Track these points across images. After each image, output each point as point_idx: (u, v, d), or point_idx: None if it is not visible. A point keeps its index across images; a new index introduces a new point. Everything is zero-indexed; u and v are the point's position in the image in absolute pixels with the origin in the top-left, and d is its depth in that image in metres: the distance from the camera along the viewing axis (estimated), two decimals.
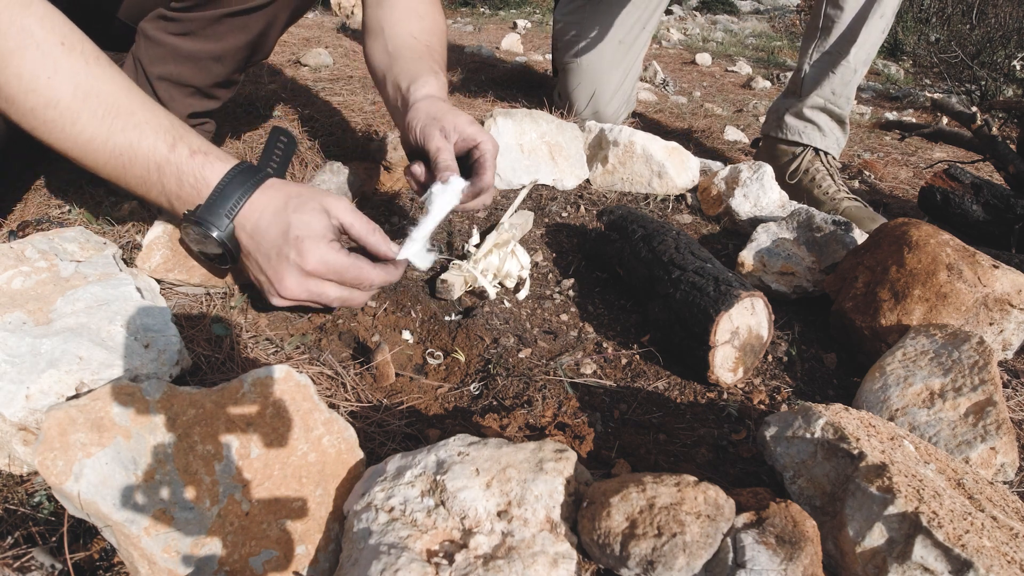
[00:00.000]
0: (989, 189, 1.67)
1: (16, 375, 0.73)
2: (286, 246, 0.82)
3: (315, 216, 0.83)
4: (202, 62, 1.17)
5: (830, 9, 1.75)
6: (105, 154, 0.80)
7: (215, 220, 0.82)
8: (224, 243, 0.83)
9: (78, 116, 0.78)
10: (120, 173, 0.82)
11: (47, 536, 0.67)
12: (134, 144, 0.80)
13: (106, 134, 0.79)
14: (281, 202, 0.84)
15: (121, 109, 0.80)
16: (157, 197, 0.85)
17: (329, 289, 0.86)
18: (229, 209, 0.82)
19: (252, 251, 0.85)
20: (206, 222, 0.82)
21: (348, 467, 0.70)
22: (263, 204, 0.83)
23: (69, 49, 0.78)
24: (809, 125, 1.82)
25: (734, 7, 6.81)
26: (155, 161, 0.81)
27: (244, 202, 0.83)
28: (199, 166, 0.82)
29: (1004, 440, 0.83)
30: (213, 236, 0.82)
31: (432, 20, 1.21)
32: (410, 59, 1.14)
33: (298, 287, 0.84)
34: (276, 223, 0.82)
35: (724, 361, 0.99)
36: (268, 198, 0.84)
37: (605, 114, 2.13)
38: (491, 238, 1.22)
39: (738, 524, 0.60)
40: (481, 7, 5.76)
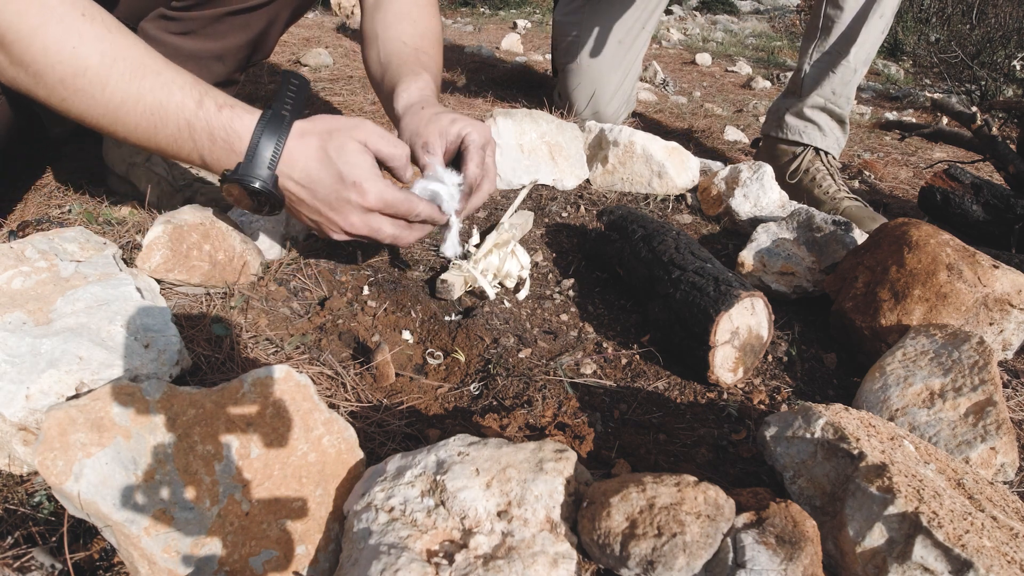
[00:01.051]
0: (989, 189, 1.67)
1: (16, 375, 0.73)
2: (345, 189, 0.86)
3: (361, 157, 0.87)
4: (203, 61, 1.17)
5: (830, 9, 1.75)
6: (136, 116, 0.82)
7: (257, 172, 0.84)
8: (268, 191, 0.85)
9: (107, 80, 0.80)
10: (151, 134, 0.83)
11: (47, 536, 0.67)
12: (163, 103, 0.82)
13: (136, 95, 0.81)
14: (320, 147, 0.86)
15: (148, 69, 0.82)
16: (190, 155, 0.86)
17: (385, 225, 0.91)
18: (269, 161, 0.84)
19: (307, 198, 0.88)
20: (248, 176, 0.83)
21: (348, 467, 0.70)
22: (301, 151, 0.86)
23: (90, 19, 0.80)
24: (809, 125, 1.82)
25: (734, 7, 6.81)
26: (185, 118, 0.82)
27: (281, 151, 0.85)
28: (228, 120, 0.84)
29: (1004, 440, 0.83)
30: (256, 187, 0.84)
31: (425, 24, 1.21)
32: (398, 65, 1.14)
33: (361, 223, 0.90)
34: (326, 169, 0.86)
35: (724, 361, 0.99)
36: (304, 144, 0.86)
37: (605, 114, 2.13)
38: (491, 238, 1.22)
39: (738, 524, 0.60)
40: (481, 7, 5.76)
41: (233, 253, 1.04)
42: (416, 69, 1.12)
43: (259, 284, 1.07)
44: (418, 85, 1.09)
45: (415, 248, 1.29)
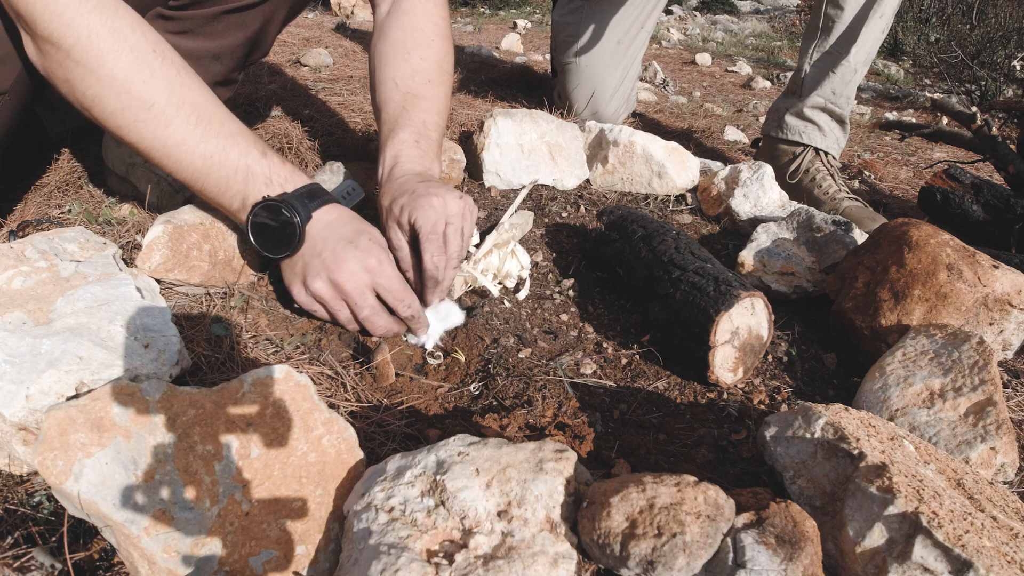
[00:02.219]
0: (989, 189, 1.67)
1: (16, 375, 0.73)
2: (357, 238, 0.92)
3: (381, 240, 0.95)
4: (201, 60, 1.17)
5: (830, 9, 1.75)
6: (192, 156, 0.86)
7: (299, 208, 0.90)
8: (297, 226, 0.90)
9: (172, 120, 0.84)
10: (201, 175, 0.88)
11: (47, 536, 0.67)
12: (226, 149, 0.88)
13: (198, 139, 0.86)
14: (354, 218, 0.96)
15: (213, 118, 0.87)
16: (231, 200, 0.91)
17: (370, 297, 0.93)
18: (314, 205, 0.92)
19: (320, 240, 0.92)
20: (289, 204, 0.89)
21: (348, 467, 0.70)
22: (336, 212, 0.95)
23: (161, 57, 0.84)
24: (809, 125, 1.82)
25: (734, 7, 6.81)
26: (246, 165, 0.89)
27: (323, 205, 0.93)
28: (290, 172, 0.92)
29: (1004, 440, 0.83)
30: (287, 216, 0.89)
31: (420, 55, 1.15)
32: (385, 120, 1.12)
33: (351, 277, 0.91)
34: (350, 225, 0.93)
35: (724, 361, 0.99)
36: (340, 211, 0.96)
37: (604, 114, 2.13)
38: (491, 238, 1.22)
39: (738, 524, 0.60)
40: (481, 7, 5.76)
41: (233, 253, 1.04)
42: (401, 123, 1.10)
43: (259, 284, 1.07)
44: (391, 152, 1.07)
45: None
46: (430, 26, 1.18)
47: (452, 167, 1.51)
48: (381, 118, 1.13)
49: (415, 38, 1.16)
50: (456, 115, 2.00)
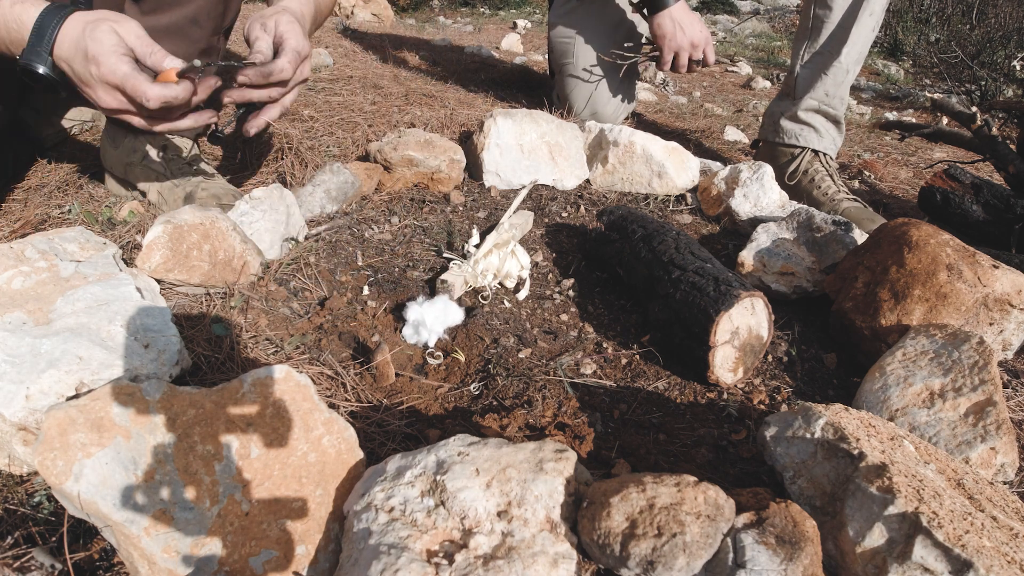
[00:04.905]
0: (989, 189, 1.67)
1: (16, 375, 0.73)
2: (88, 64, 0.91)
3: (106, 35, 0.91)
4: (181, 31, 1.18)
5: (818, 9, 1.75)
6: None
7: (37, 58, 0.91)
8: (51, 76, 0.92)
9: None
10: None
11: (47, 536, 0.67)
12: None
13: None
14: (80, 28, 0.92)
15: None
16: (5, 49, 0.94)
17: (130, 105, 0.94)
18: (44, 46, 0.91)
19: (70, 74, 0.94)
20: (31, 62, 0.91)
21: (348, 467, 0.70)
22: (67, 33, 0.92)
23: None
24: (805, 127, 1.82)
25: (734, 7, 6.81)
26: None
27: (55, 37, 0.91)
28: (18, 13, 0.92)
29: (1004, 440, 0.83)
30: (39, 72, 0.91)
31: None
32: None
33: (111, 99, 0.93)
34: (78, 47, 0.92)
35: (724, 361, 0.99)
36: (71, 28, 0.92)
37: (603, 115, 2.13)
38: (491, 238, 1.22)
39: (738, 524, 0.60)
40: (481, 7, 5.76)
41: (233, 253, 1.04)
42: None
43: (259, 284, 1.07)
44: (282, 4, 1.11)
45: (416, 248, 1.29)
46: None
47: (452, 167, 1.51)
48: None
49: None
50: (456, 115, 2.00)
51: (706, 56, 1.96)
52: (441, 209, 1.44)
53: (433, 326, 1.03)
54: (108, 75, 0.91)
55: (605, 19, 2.06)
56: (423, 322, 1.02)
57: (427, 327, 1.02)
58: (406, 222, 1.37)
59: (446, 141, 1.55)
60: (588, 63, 2.08)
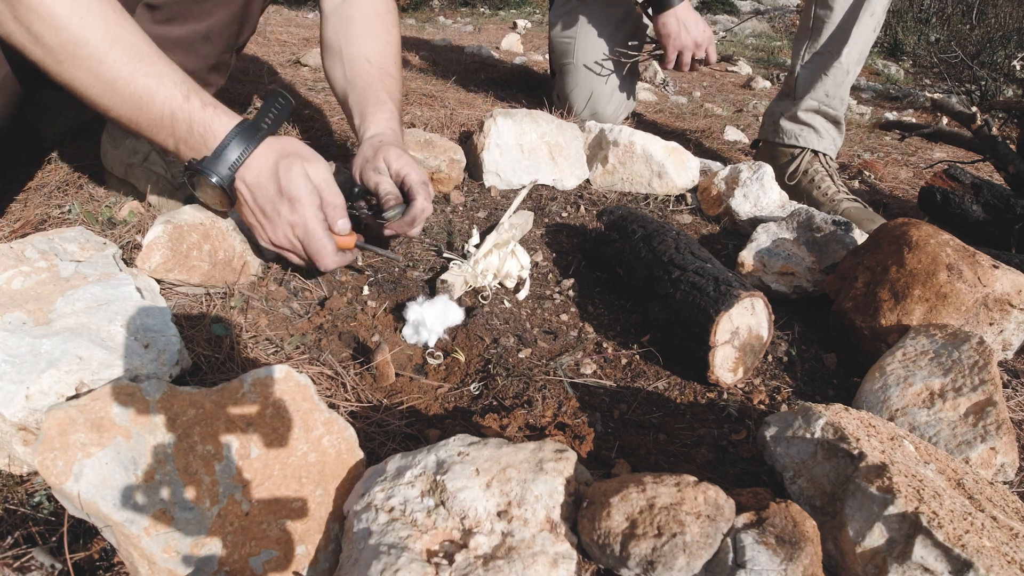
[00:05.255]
0: (989, 189, 1.67)
1: (16, 375, 0.73)
2: (280, 202, 0.95)
3: (302, 179, 0.95)
4: (192, 45, 1.18)
5: (819, 9, 1.75)
6: (125, 95, 0.88)
7: (219, 170, 0.92)
8: (223, 190, 0.93)
9: (105, 57, 0.86)
10: (134, 114, 0.90)
11: (47, 536, 0.67)
12: (153, 90, 0.89)
13: (128, 77, 0.87)
14: (272, 160, 0.95)
15: (144, 57, 0.89)
16: (165, 139, 0.93)
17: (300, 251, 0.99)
18: (232, 164, 0.93)
19: (249, 201, 0.96)
20: (209, 171, 0.92)
21: (348, 467, 0.70)
22: (259, 161, 0.95)
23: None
24: (805, 128, 1.82)
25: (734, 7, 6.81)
26: (170, 108, 0.90)
27: (245, 158, 0.93)
28: (209, 118, 0.92)
29: (1004, 440, 0.83)
30: (212, 182, 0.92)
31: (386, 38, 1.27)
32: (363, 89, 1.21)
33: (285, 239, 0.98)
34: (271, 181, 0.95)
35: (724, 361, 0.99)
36: (263, 156, 0.95)
37: (603, 114, 2.13)
38: (491, 238, 1.22)
39: (738, 524, 0.60)
40: (481, 7, 5.76)
41: (233, 253, 1.04)
42: (381, 97, 1.20)
43: (259, 284, 1.07)
44: (384, 117, 1.18)
45: (416, 248, 1.29)
46: (388, 15, 1.30)
47: (452, 167, 1.51)
48: (356, 87, 1.22)
49: (379, 23, 1.27)
50: (456, 115, 2.00)
51: (708, 55, 1.97)
52: (441, 209, 1.44)
53: (433, 326, 1.03)
54: (298, 223, 0.95)
55: (606, 19, 2.06)
56: (423, 322, 1.02)
57: (427, 327, 1.02)
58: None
59: (446, 141, 1.55)
60: (588, 63, 2.08)
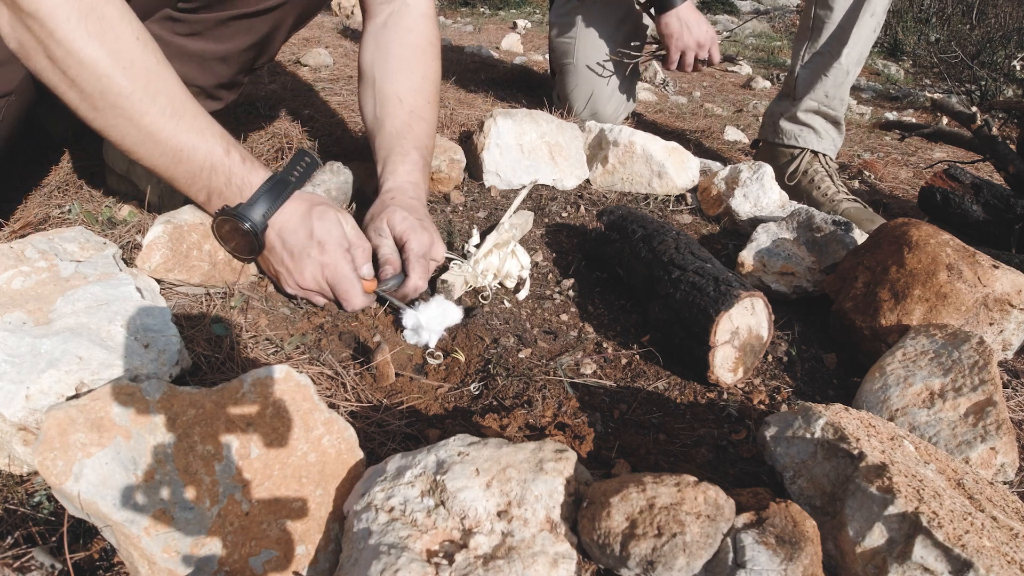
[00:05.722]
0: (989, 189, 1.67)
1: (16, 375, 0.73)
2: (310, 245, 0.98)
3: (334, 225, 0.99)
4: (207, 62, 1.18)
5: (819, 10, 1.74)
6: (164, 148, 0.90)
7: (252, 216, 0.95)
8: (255, 236, 0.96)
9: (148, 110, 0.86)
10: (171, 166, 0.92)
11: (47, 536, 0.67)
12: (195, 145, 0.91)
13: (172, 131, 0.89)
14: (306, 209, 0.99)
15: (186, 112, 0.90)
16: (197, 192, 0.96)
17: (327, 292, 1.02)
18: (266, 212, 0.96)
19: (278, 247, 0.99)
20: (243, 216, 0.95)
21: (348, 467, 0.70)
22: (292, 210, 0.98)
23: (143, 45, 0.85)
24: (805, 128, 1.82)
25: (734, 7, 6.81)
26: (211, 162, 0.93)
27: (277, 207, 0.97)
28: (247, 171, 0.96)
29: (1004, 440, 0.83)
30: (246, 228, 0.95)
31: (423, 76, 1.24)
32: (391, 134, 1.20)
33: (312, 280, 1.00)
34: (303, 226, 0.98)
35: (724, 361, 0.99)
36: (296, 206, 0.99)
37: (603, 114, 2.13)
38: (491, 238, 1.22)
39: (738, 524, 0.60)
40: (481, 7, 5.76)
41: None
42: (406, 147, 1.18)
43: (259, 284, 1.07)
44: (405, 169, 1.17)
45: None
46: (430, 48, 1.26)
47: (452, 167, 1.51)
48: (384, 129, 1.21)
49: (418, 57, 1.24)
50: (456, 115, 2.00)
51: (712, 55, 1.97)
52: (441, 209, 1.44)
53: (433, 326, 1.03)
54: (328, 263, 0.98)
55: (606, 18, 2.06)
56: (423, 322, 1.02)
57: (427, 327, 1.02)
58: None
59: (446, 141, 1.55)
60: (588, 63, 2.08)
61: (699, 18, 1.93)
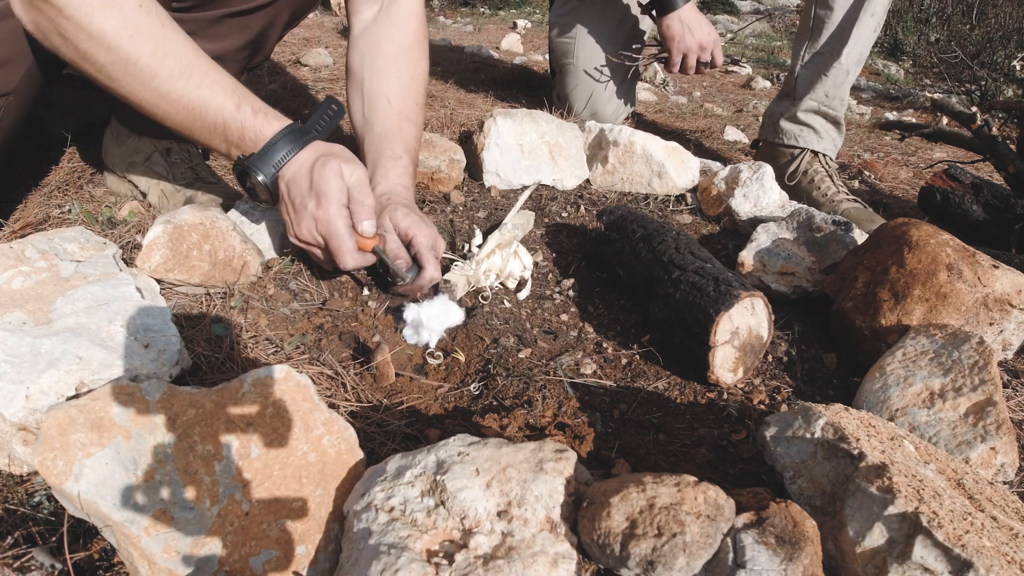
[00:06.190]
0: (989, 189, 1.67)
1: (16, 375, 0.73)
2: (309, 197, 0.97)
3: (334, 177, 0.97)
4: None
5: (819, 10, 1.74)
6: (178, 107, 0.93)
7: (263, 167, 0.97)
8: (266, 186, 0.98)
9: (157, 73, 0.89)
10: (188, 123, 0.95)
11: (47, 536, 0.67)
12: (206, 101, 0.93)
13: (182, 91, 0.91)
14: (312, 158, 0.98)
15: (195, 70, 0.92)
16: (219, 144, 0.99)
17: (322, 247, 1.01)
18: (277, 162, 0.97)
19: (284, 196, 1.00)
20: (255, 168, 0.97)
21: (348, 467, 0.70)
22: (301, 161, 0.98)
23: (147, 11, 0.88)
24: (805, 128, 1.82)
25: (734, 7, 6.81)
26: (223, 117, 0.95)
27: (290, 157, 0.98)
28: (260, 124, 0.97)
29: (1004, 440, 0.83)
30: (258, 179, 0.98)
31: (411, 76, 1.24)
32: (380, 136, 1.19)
33: (308, 234, 0.99)
34: (306, 178, 0.97)
35: (724, 361, 0.99)
36: (306, 156, 0.99)
37: (603, 115, 2.13)
38: (493, 238, 1.22)
39: (738, 524, 0.60)
40: (481, 7, 5.76)
41: (233, 253, 1.04)
42: (396, 150, 1.18)
43: (259, 284, 1.07)
44: (397, 173, 1.16)
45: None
46: (418, 46, 1.26)
47: (452, 167, 1.51)
48: (373, 131, 1.21)
49: (406, 56, 1.24)
50: (456, 115, 2.00)
51: (714, 58, 1.96)
52: (441, 209, 1.44)
53: (433, 326, 1.03)
54: (322, 219, 0.97)
55: (606, 19, 2.06)
56: (423, 322, 1.02)
57: (427, 327, 1.02)
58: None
59: (446, 141, 1.55)
60: (589, 63, 2.08)
61: (701, 20, 1.92)
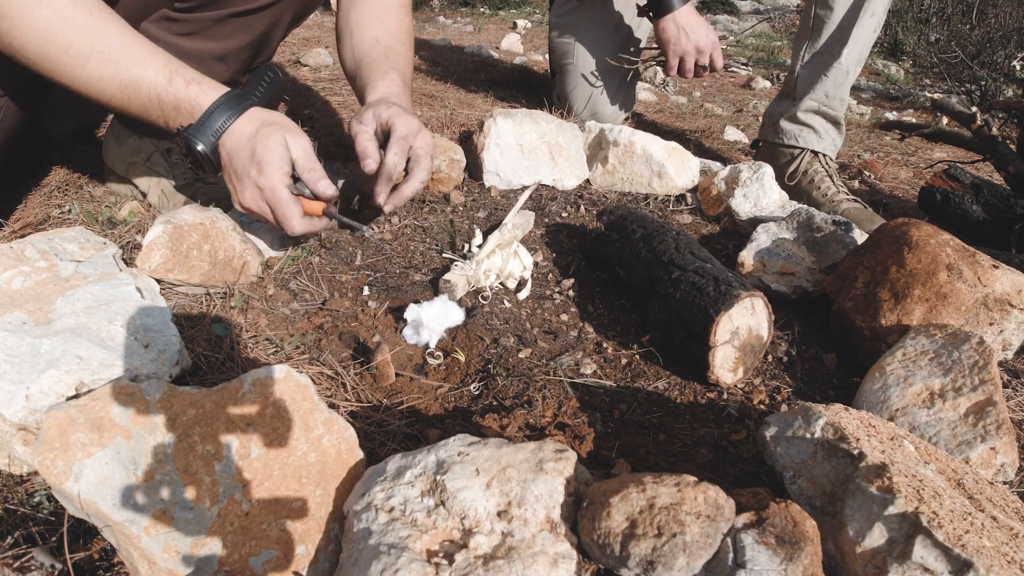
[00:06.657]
0: (989, 189, 1.67)
1: (16, 375, 0.73)
2: (251, 165, 0.97)
3: (277, 146, 0.97)
4: (205, 61, 1.18)
5: (819, 9, 1.74)
6: (112, 89, 0.94)
7: (202, 137, 0.96)
8: (207, 156, 0.98)
9: (87, 60, 0.92)
10: (125, 103, 0.96)
11: (47, 536, 0.67)
12: (138, 79, 0.94)
13: (113, 73, 0.93)
14: (254, 127, 0.98)
15: (124, 51, 0.94)
16: (157, 119, 0.99)
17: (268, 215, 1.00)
18: (215, 130, 0.97)
19: (227, 165, 0.99)
20: (193, 138, 0.96)
21: (348, 467, 0.70)
22: (240, 130, 0.98)
23: (74, 3, 0.91)
24: (805, 128, 1.82)
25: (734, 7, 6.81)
26: (156, 92, 0.95)
27: (228, 125, 0.97)
28: (194, 95, 0.97)
29: (1004, 440, 0.83)
30: (198, 149, 0.96)
31: (395, 23, 1.30)
32: (369, 63, 1.23)
33: (252, 202, 0.99)
34: (247, 145, 0.97)
35: (724, 361, 0.99)
36: (246, 123, 0.98)
37: (603, 115, 2.13)
38: (494, 238, 1.22)
39: (738, 524, 0.60)
40: (481, 7, 5.76)
41: (233, 253, 1.04)
42: (385, 68, 1.21)
43: (259, 284, 1.07)
44: (385, 83, 1.18)
45: (416, 248, 1.29)
46: (401, 7, 1.33)
47: (452, 167, 1.51)
48: (364, 62, 1.24)
49: (391, 12, 1.31)
50: (456, 115, 2.00)
51: (714, 61, 1.94)
52: (441, 209, 1.44)
53: (433, 326, 1.03)
54: (265, 186, 0.97)
55: (606, 19, 2.06)
56: (423, 322, 1.02)
57: (427, 327, 1.02)
58: (406, 222, 1.37)
59: (446, 141, 1.55)
60: (588, 63, 2.07)
61: (699, 22, 1.90)
